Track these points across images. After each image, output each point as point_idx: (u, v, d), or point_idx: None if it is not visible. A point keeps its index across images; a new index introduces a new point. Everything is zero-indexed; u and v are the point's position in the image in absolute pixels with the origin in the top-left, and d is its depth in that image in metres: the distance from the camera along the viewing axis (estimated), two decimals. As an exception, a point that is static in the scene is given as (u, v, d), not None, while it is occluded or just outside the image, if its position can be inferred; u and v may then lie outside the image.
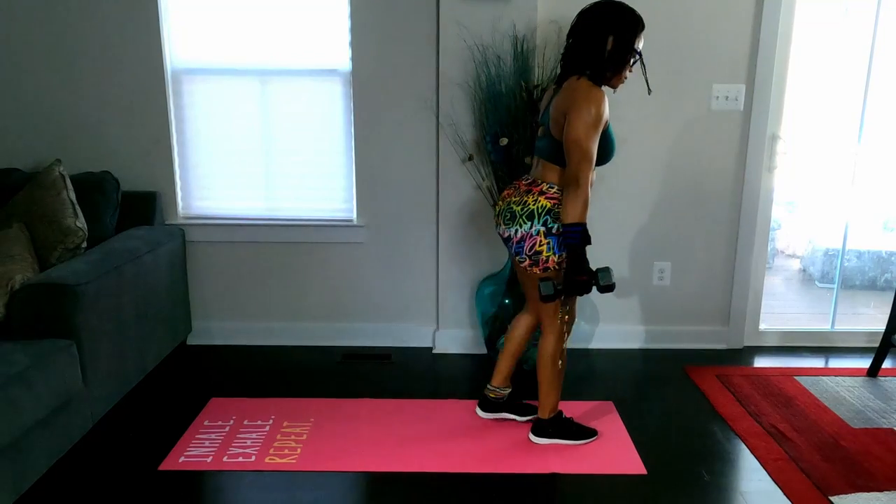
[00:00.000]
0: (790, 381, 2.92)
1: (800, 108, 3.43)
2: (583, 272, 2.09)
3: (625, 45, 2.10)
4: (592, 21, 2.12)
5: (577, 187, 2.06)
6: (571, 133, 2.06)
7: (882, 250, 4.15)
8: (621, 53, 2.11)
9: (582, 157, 2.05)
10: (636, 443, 2.41)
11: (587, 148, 2.05)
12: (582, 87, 2.09)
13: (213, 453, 2.32)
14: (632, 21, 2.11)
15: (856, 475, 2.21)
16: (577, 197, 2.06)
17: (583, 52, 2.13)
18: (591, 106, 2.05)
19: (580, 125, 2.04)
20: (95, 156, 3.03)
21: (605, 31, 2.09)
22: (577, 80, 2.13)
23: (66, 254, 2.55)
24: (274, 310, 3.26)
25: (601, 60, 2.11)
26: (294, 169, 3.13)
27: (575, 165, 2.06)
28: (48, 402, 2.08)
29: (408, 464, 2.28)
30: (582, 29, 2.14)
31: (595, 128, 2.06)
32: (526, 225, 2.16)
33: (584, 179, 2.06)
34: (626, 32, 2.10)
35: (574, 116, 2.06)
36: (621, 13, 2.11)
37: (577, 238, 2.07)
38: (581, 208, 2.06)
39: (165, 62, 2.98)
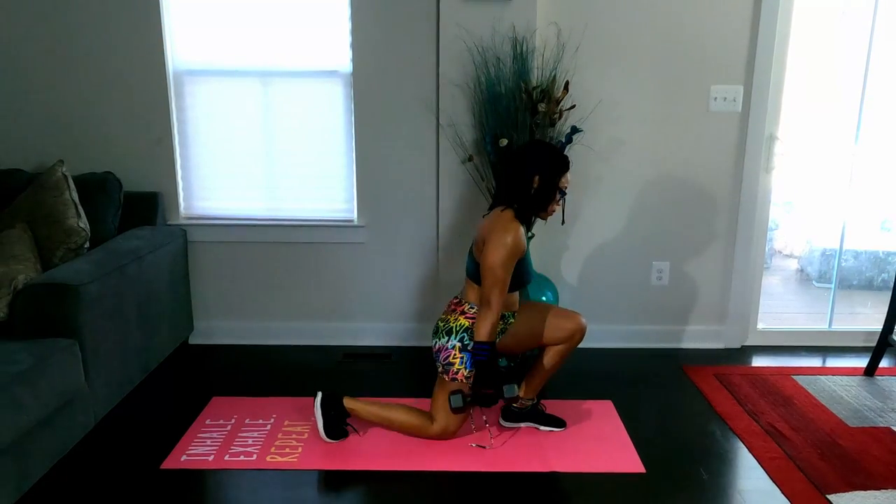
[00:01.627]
0: (788, 381, 2.93)
1: (797, 109, 3.44)
2: (490, 386, 2.27)
3: (551, 183, 2.27)
4: (521, 159, 2.30)
5: (488, 309, 2.22)
6: (487, 259, 2.21)
7: (879, 250, 4.17)
8: (547, 191, 2.27)
9: (495, 282, 2.21)
10: (635, 442, 2.42)
11: (500, 275, 2.21)
12: (503, 218, 2.26)
13: (215, 452, 2.33)
14: (559, 161, 2.28)
15: (853, 474, 2.23)
16: (488, 318, 2.22)
17: (512, 187, 2.30)
18: (508, 237, 2.21)
19: (496, 253, 2.20)
20: (98, 156, 3.04)
21: (533, 170, 2.26)
22: (502, 210, 2.30)
23: (69, 254, 2.56)
24: (275, 309, 3.27)
25: (527, 197, 2.28)
26: (295, 169, 3.15)
27: (488, 289, 2.22)
28: (51, 401, 2.09)
29: (408, 462, 2.29)
30: (512, 164, 2.32)
31: (510, 257, 2.21)
32: (444, 339, 2.34)
33: (495, 302, 2.22)
34: (552, 172, 2.26)
35: (492, 244, 2.22)
36: (548, 155, 2.28)
37: (486, 356, 2.24)
38: (490, 329, 2.22)
39: (167, 63, 2.99)
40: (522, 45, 2.84)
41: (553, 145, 2.35)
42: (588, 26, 2.95)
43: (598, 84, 3.01)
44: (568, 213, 3.15)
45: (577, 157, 3.06)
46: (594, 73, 3.00)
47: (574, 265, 3.24)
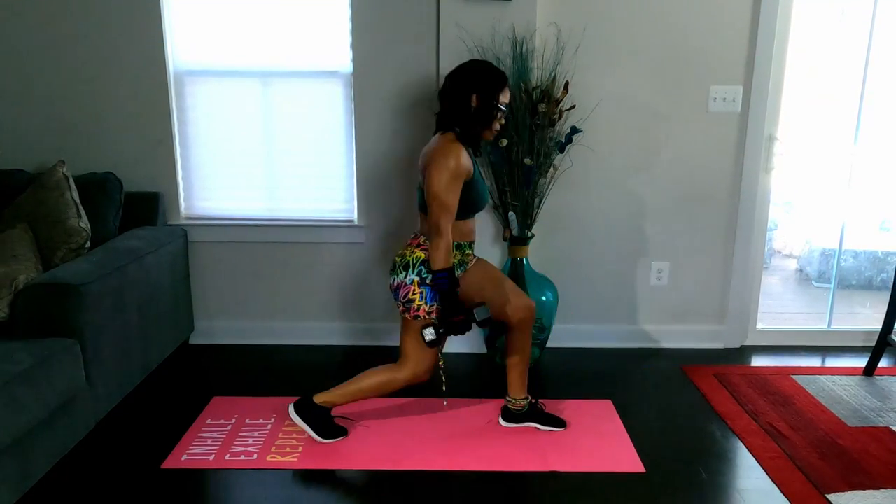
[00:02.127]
0: (787, 380, 2.94)
1: (797, 109, 3.45)
2: (458, 312, 2.22)
3: (489, 100, 2.22)
4: (457, 82, 2.25)
5: (438, 236, 2.18)
6: (430, 186, 2.17)
7: (878, 250, 4.17)
8: (486, 108, 2.23)
9: (440, 207, 2.17)
10: (635, 441, 2.42)
11: (444, 199, 2.16)
12: (441, 143, 2.22)
13: (216, 452, 2.34)
14: (495, 77, 2.24)
15: (852, 473, 2.23)
16: (440, 245, 2.18)
17: (452, 112, 2.26)
18: (449, 159, 2.16)
19: (437, 178, 2.16)
20: (99, 157, 3.04)
21: (468, 90, 2.22)
22: (441, 135, 2.26)
23: (70, 254, 2.56)
24: (275, 309, 3.28)
25: (467, 118, 2.24)
26: (295, 170, 3.15)
27: (434, 216, 2.18)
28: (52, 400, 2.10)
29: (408, 462, 2.29)
30: (449, 90, 2.27)
31: (453, 179, 2.17)
32: (402, 275, 2.28)
33: (444, 228, 2.17)
34: (489, 89, 2.22)
35: (432, 170, 2.18)
36: (483, 71, 2.25)
37: (445, 283, 2.19)
38: (444, 255, 2.18)
39: (168, 64, 3.00)
40: (522, 45, 2.85)
41: (488, 62, 2.30)
42: (588, 27, 2.96)
43: (598, 84, 3.02)
44: (567, 212, 3.17)
45: (577, 157, 3.06)
46: (594, 73, 3.00)
47: (574, 265, 3.24)
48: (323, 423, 2.40)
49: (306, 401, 2.39)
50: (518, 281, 2.97)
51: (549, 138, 2.84)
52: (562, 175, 3.05)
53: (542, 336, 3.01)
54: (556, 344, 3.19)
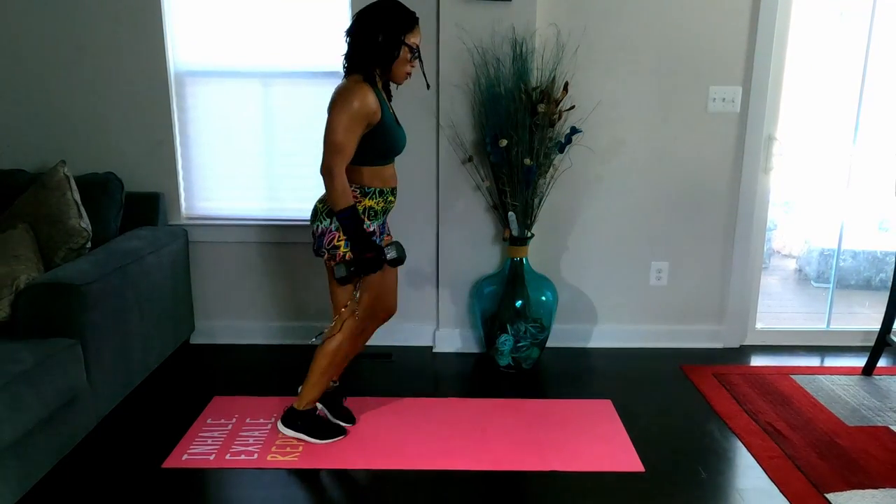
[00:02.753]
0: (786, 380, 2.94)
1: (796, 109, 3.45)
2: (369, 249, 2.16)
3: (394, 39, 2.13)
4: (363, 20, 2.16)
5: (330, 179, 2.13)
6: (328, 125, 2.12)
7: (877, 250, 4.17)
8: (393, 48, 2.14)
9: (333, 148, 2.11)
10: (634, 441, 2.43)
11: (338, 139, 2.10)
12: (344, 84, 2.15)
13: (216, 451, 2.34)
14: (402, 16, 2.15)
15: (851, 473, 2.24)
16: (334, 188, 2.13)
17: (357, 51, 2.16)
18: (352, 101, 2.08)
19: (332, 118, 2.11)
20: (100, 157, 3.04)
21: (374, 28, 2.13)
22: (347, 77, 2.18)
23: (71, 254, 2.57)
24: (276, 309, 3.28)
25: (374, 57, 2.15)
26: (296, 170, 3.15)
27: (326, 157, 2.13)
28: (53, 400, 2.10)
29: (408, 461, 2.30)
30: (354, 29, 2.17)
31: (353, 120, 2.09)
32: (326, 221, 2.22)
33: (336, 169, 2.12)
34: (395, 28, 2.13)
35: (331, 110, 2.12)
36: (390, 10, 2.15)
37: (348, 221, 2.14)
38: (340, 196, 2.12)
39: (169, 65, 3.00)
40: (522, 46, 2.85)
41: (398, 2, 2.20)
42: (587, 28, 2.96)
43: (598, 85, 3.02)
44: (567, 212, 3.18)
45: (577, 157, 3.07)
46: (593, 74, 3.01)
47: (573, 265, 3.25)
48: (314, 426, 2.41)
49: (290, 412, 2.40)
50: (518, 281, 2.98)
51: (548, 139, 2.85)
52: (561, 175, 3.06)
53: (542, 336, 3.02)
54: (556, 344, 3.20)
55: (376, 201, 2.25)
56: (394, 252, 2.20)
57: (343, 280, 2.18)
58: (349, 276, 2.18)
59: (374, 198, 2.24)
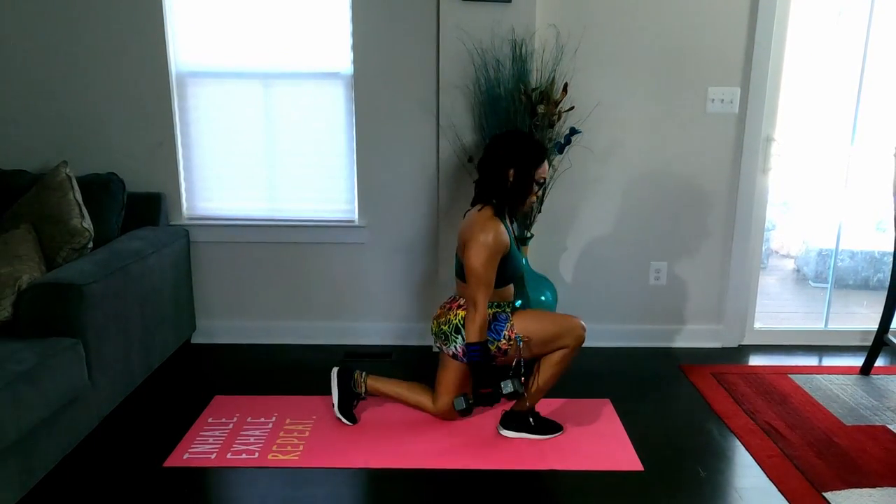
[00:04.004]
0: (785, 380, 2.96)
1: (794, 110, 3.46)
2: (487, 385, 2.28)
3: (526, 175, 2.24)
4: (494, 153, 2.27)
5: (474, 310, 2.24)
6: (469, 261, 2.23)
7: (875, 250, 4.19)
8: (522, 184, 2.25)
9: (478, 282, 2.22)
10: (633, 440, 2.44)
11: (483, 274, 2.22)
12: (481, 218, 2.26)
13: (217, 450, 2.35)
14: (532, 153, 2.25)
15: (849, 472, 2.24)
16: (476, 319, 2.24)
17: (488, 183, 2.29)
18: (488, 236, 2.21)
19: (476, 254, 2.21)
20: (101, 157, 3.05)
21: (506, 163, 2.24)
22: (480, 209, 2.30)
23: (73, 254, 2.57)
24: (277, 309, 3.29)
25: (504, 192, 2.27)
26: (296, 170, 3.17)
27: (473, 290, 2.24)
28: (55, 399, 2.11)
29: (408, 460, 2.31)
30: (487, 162, 2.28)
31: (492, 256, 2.22)
32: (458, 338, 2.34)
33: (480, 302, 2.23)
34: (526, 164, 2.23)
35: (472, 245, 2.22)
36: (522, 146, 2.25)
37: (478, 356, 2.26)
38: (479, 329, 2.24)
39: (170, 65, 3.01)
40: (522, 47, 2.86)
41: (527, 135, 2.30)
42: (587, 29, 2.98)
43: (597, 86, 3.03)
44: (567, 213, 3.19)
45: (576, 158, 3.08)
46: (593, 75, 3.02)
47: (573, 265, 3.26)
48: (348, 401, 2.49)
49: (350, 373, 2.50)
50: (517, 281, 2.98)
51: (548, 139, 2.86)
52: (561, 176, 3.07)
53: (542, 336, 3.03)
54: (556, 343, 3.21)
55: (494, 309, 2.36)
56: (510, 388, 2.25)
57: (463, 412, 2.33)
58: (468, 409, 2.32)
59: (492, 307, 2.35)
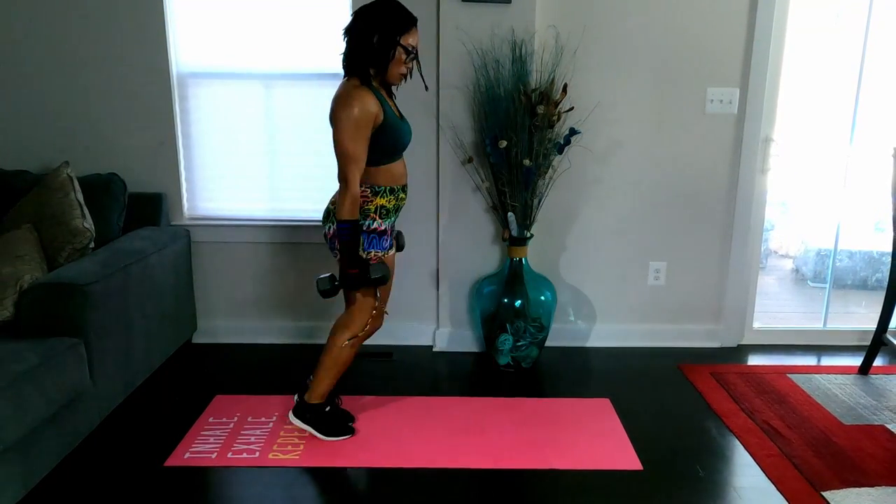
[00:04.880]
0: (783, 379, 2.96)
1: (793, 110, 3.47)
2: (354, 265, 2.19)
3: (391, 41, 2.13)
4: (359, 21, 2.16)
5: (345, 187, 2.14)
6: (335, 135, 2.13)
7: (873, 250, 4.19)
8: (386, 49, 2.13)
9: (346, 158, 2.12)
10: (632, 439, 2.45)
11: (348, 148, 2.11)
12: (344, 88, 2.15)
13: (218, 450, 2.36)
14: (397, 17, 2.14)
15: (847, 471, 2.25)
16: (346, 196, 2.14)
17: (353, 51, 2.16)
18: (352, 108, 2.09)
19: (340, 127, 2.11)
20: (103, 158, 3.06)
21: (370, 29, 2.13)
22: (345, 81, 2.18)
23: (74, 254, 2.58)
24: (277, 309, 3.30)
25: (367, 58, 2.14)
26: (297, 171, 3.17)
27: (341, 167, 2.14)
28: (56, 399, 2.12)
29: (408, 459, 2.32)
30: (351, 28, 2.17)
31: (358, 127, 2.10)
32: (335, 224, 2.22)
33: (351, 179, 2.12)
34: (391, 29, 2.13)
35: (335, 120, 2.13)
36: (386, 10, 2.14)
37: (347, 234, 2.15)
38: (349, 206, 2.14)
39: (171, 66, 3.02)
40: (521, 47, 2.87)
41: (395, 3, 2.18)
42: (586, 29, 2.98)
43: (596, 86, 3.04)
44: (566, 213, 3.20)
45: (576, 158, 3.09)
46: (592, 75, 3.03)
47: (572, 265, 3.27)
48: (323, 421, 2.42)
49: (300, 403, 2.42)
50: (517, 281, 3.00)
51: (547, 140, 2.87)
52: (560, 176, 3.08)
53: (541, 335, 3.04)
54: (555, 343, 3.22)
55: (387, 199, 2.26)
56: (378, 272, 2.21)
57: (326, 293, 2.22)
58: (332, 290, 2.23)
59: (386, 196, 2.26)
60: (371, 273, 2.20)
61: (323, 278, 2.23)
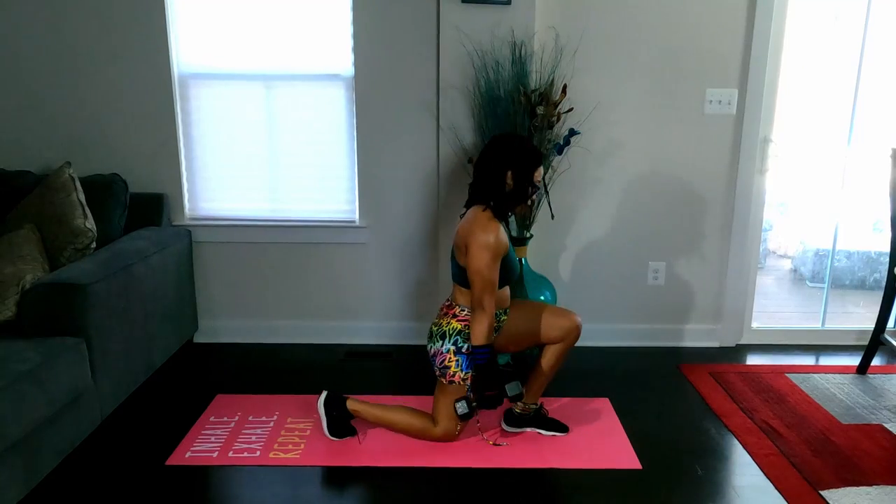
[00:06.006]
0: (782, 379, 2.97)
1: (791, 111, 3.48)
2: (492, 388, 2.26)
3: (524, 178, 2.23)
4: (492, 156, 2.25)
5: (482, 312, 2.22)
6: (472, 263, 2.20)
7: (871, 251, 4.21)
8: (521, 186, 2.24)
9: (483, 285, 2.20)
10: (632, 439, 2.46)
11: (487, 276, 2.20)
12: (481, 219, 2.22)
13: (219, 449, 2.37)
14: (529, 155, 2.23)
15: (845, 470, 2.26)
16: (483, 321, 2.22)
17: (485, 184, 2.26)
18: (490, 238, 2.18)
19: (480, 256, 2.18)
20: (104, 158, 3.07)
21: (504, 166, 2.22)
22: (479, 210, 2.26)
23: (76, 254, 2.59)
24: (278, 308, 3.31)
25: (502, 194, 2.25)
26: (298, 171, 3.18)
27: (478, 293, 2.21)
28: (58, 398, 2.12)
29: (408, 459, 2.32)
30: (484, 162, 2.27)
31: (494, 258, 2.20)
32: (439, 343, 2.35)
33: (487, 304, 2.21)
34: (524, 166, 2.22)
35: (474, 248, 2.20)
36: (519, 148, 2.23)
37: (485, 358, 2.23)
38: (486, 331, 2.22)
39: (172, 67, 3.03)
40: (521, 49, 2.88)
41: (523, 137, 2.29)
42: (586, 31, 3.00)
43: (596, 87, 3.05)
44: (566, 213, 3.21)
45: (575, 159, 3.10)
46: (592, 76, 3.04)
47: (572, 265, 3.28)
48: (339, 424, 2.44)
49: (338, 399, 2.44)
50: (517, 281, 3.01)
51: (547, 140, 2.88)
52: (560, 176, 3.09)
53: (541, 335, 3.05)
54: (555, 343, 3.23)
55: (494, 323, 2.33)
56: (515, 391, 2.26)
57: (464, 417, 2.31)
58: (471, 413, 2.30)
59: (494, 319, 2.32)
60: (508, 393, 2.26)
61: (461, 404, 2.29)
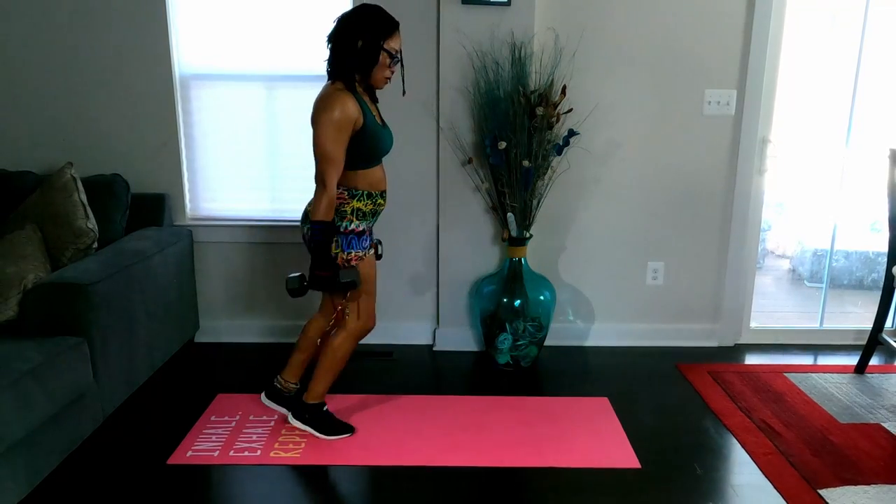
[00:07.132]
0: (780, 378, 2.98)
1: (790, 112, 3.49)
2: (325, 268, 2.18)
3: (374, 45, 2.15)
4: (341, 27, 2.18)
5: (322, 188, 2.15)
6: (315, 138, 2.15)
7: (869, 251, 4.21)
8: (372, 53, 2.16)
9: (324, 160, 2.14)
10: (631, 438, 2.46)
11: (328, 150, 2.13)
12: (328, 94, 2.17)
13: (220, 448, 2.37)
14: (380, 21, 2.17)
15: (843, 469, 2.27)
16: (323, 197, 2.15)
17: (337, 56, 2.19)
18: (333, 111, 2.11)
19: (320, 129, 2.13)
20: (106, 159, 3.07)
21: (354, 34, 2.15)
22: (329, 84, 2.20)
23: (78, 254, 2.60)
24: (279, 308, 3.31)
25: (353, 63, 2.17)
26: (299, 171, 3.17)
27: (319, 168, 2.16)
28: (60, 398, 2.13)
29: (408, 458, 2.33)
30: (335, 33, 2.19)
31: (338, 130, 2.12)
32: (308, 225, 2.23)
33: (329, 181, 2.14)
34: (374, 33, 2.15)
35: (316, 121, 2.15)
36: (370, 15, 2.17)
37: (320, 235, 2.16)
38: (325, 207, 2.14)
39: (174, 68, 3.03)
40: (521, 49, 2.89)
41: (376, 6, 2.22)
42: (585, 31, 3.00)
43: (595, 88, 3.06)
44: (565, 213, 3.22)
45: (575, 159, 3.11)
46: (591, 77, 3.05)
47: (571, 265, 3.29)
48: (322, 421, 2.44)
49: (299, 404, 2.44)
50: (517, 281, 3.02)
51: (546, 141, 2.88)
52: (559, 177, 3.09)
53: (540, 335, 3.06)
54: (554, 342, 3.23)
55: (364, 203, 2.27)
56: (348, 277, 2.20)
57: (293, 292, 2.22)
58: (301, 290, 2.22)
59: (363, 199, 2.27)
60: (341, 277, 2.19)
61: (293, 277, 2.22)
